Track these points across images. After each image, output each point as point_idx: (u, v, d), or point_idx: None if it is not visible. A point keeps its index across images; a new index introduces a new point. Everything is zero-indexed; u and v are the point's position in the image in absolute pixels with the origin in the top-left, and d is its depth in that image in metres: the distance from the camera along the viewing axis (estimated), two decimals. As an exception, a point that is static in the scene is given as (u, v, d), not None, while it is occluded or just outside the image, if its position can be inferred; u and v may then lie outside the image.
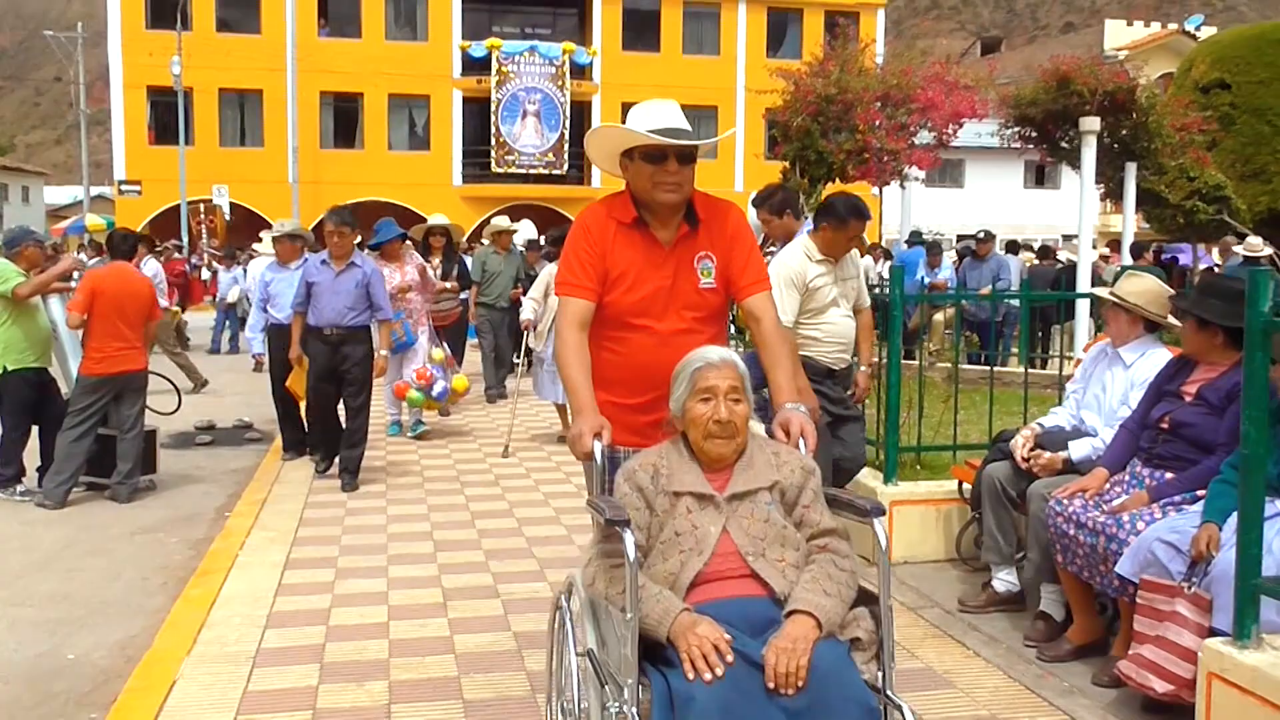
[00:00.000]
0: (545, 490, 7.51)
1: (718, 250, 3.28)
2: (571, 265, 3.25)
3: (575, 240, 3.28)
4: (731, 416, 2.77)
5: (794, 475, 2.82)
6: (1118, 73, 14.46)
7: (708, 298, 3.28)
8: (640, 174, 3.19)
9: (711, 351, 2.89)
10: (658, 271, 3.23)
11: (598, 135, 3.34)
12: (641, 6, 36.84)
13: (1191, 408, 4.15)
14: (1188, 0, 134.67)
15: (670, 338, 3.20)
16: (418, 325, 9.28)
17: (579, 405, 3.06)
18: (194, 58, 31.29)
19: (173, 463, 8.47)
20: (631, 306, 3.22)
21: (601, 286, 3.22)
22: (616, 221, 3.26)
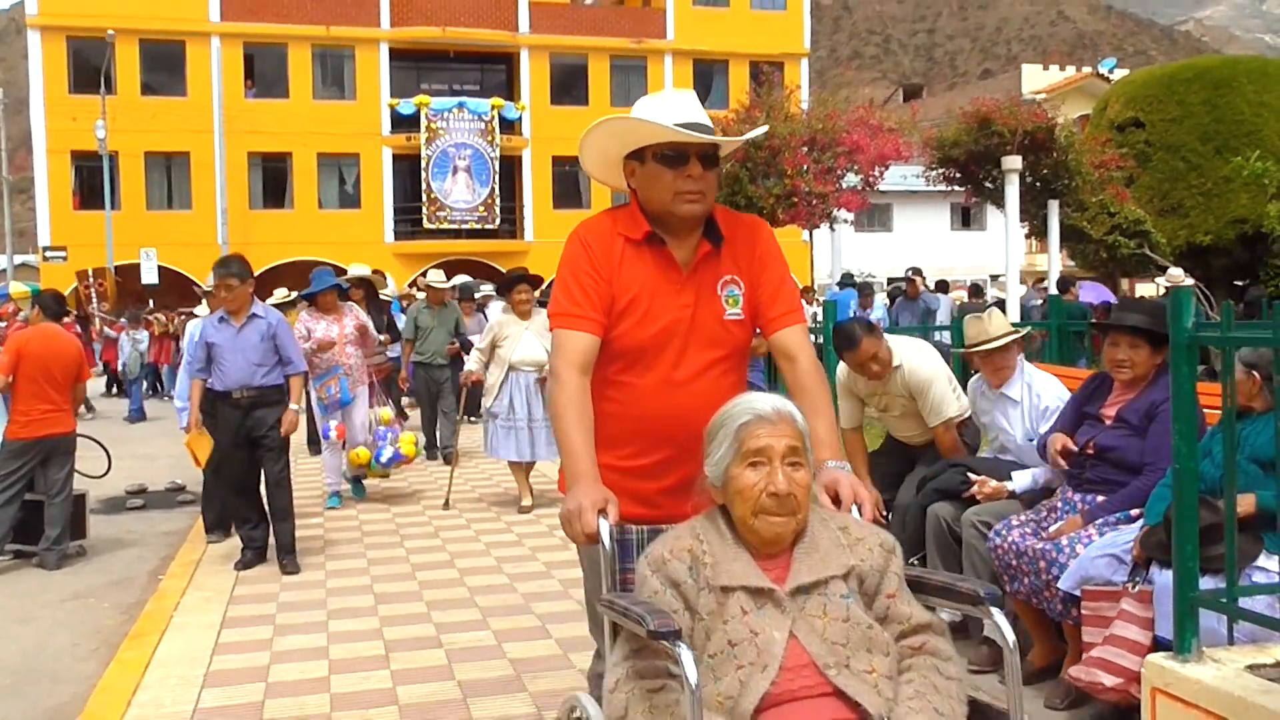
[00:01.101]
0: (486, 540, 7.43)
1: (745, 273, 2.73)
2: (570, 291, 2.65)
3: (574, 260, 2.69)
4: (791, 488, 2.14)
5: (872, 556, 2.21)
6: (1036, 113, 14.90)
7: (734, 331, 2.73)
8: (654, 180, 2.64)
9: (761, 401, 2.25)
10: (675, 299, 2.66)
11: (601, 132, 2.70)
12: (568, 61, 37.20)
13: (1113, 431, 4.22)
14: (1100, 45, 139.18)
15: (688, 382, 2.66)
16: (357, 383, 8.71)
17: (577, 471, 2.44)
18: (119, 121, 30.98)
19: (103, 527, 8.25)
20: (642, 343, 2.66)
21: (607, 317, 2.64)
22: (624, 238, 2.69)
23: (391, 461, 8.64)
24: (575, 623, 5.37)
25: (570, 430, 2.51)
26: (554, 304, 2.71)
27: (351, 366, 8.66)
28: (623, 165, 2.74)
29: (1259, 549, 3.61)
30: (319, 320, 8.58)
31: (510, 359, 8.30)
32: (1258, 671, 3.20)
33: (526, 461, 8.42)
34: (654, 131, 2.60)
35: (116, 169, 31.74)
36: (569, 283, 2.68)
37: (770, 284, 2.76)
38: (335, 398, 8.46)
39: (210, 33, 33.67)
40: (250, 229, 33.02)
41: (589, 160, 2.82)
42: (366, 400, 8.81)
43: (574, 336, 2.62)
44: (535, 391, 8.29)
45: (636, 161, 2.68)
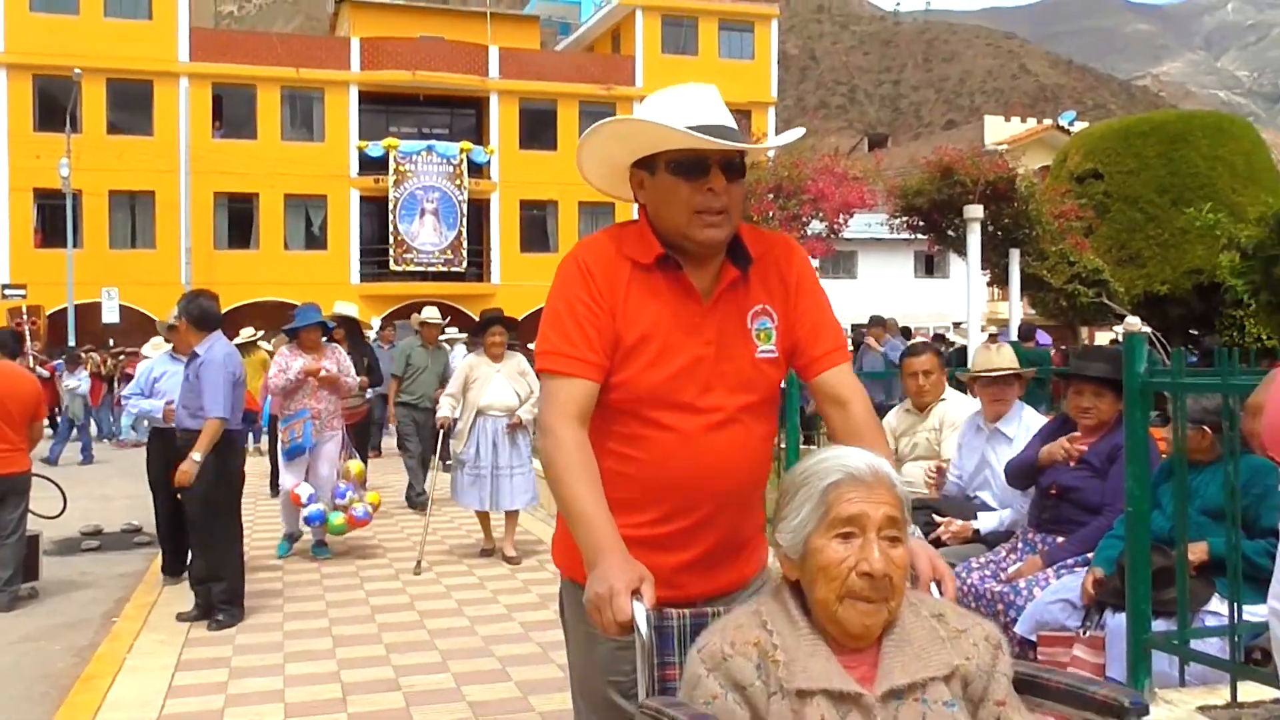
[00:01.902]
0: (448, 583, 7.38)
1: (778, 303, 2.29)
2: (563, 326, 2.18)
3: (568, 288, 2.22)
4: (888, 568, 1.73)
5: (978, 653, 1.80)
6: (998, 163, 15.13)
7: (766, 372, 2.27)
8: (668, 195, 2.18)
9: (854, 457, 1.82)
10: (694, 335, 2.20)
11: (602, 136, 2.25)
12: (537, 106, 37.43)
13: (1075, 472, 4.28)
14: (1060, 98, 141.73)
15: (711, 434, 2.19)
16: (325, 428, 8.18)
17: (596, 543, 1.96)
18: (83, 159, 30.80)
19: (57, 569, 8.13)
20: (655, 389, 2.18)
21: (609, 359, 2.18)
22: (631, 262, 2.22)
23: (320, 518, 8.04)
24: (536, 665, 5.35)
25: (577, 494, 2.03)
26: (543, 342, 2.21)
27: (321, 411, 8.18)
28: (629, 176, 2.29)
29: (1210, 592, 3.65)
30: (297, 357, 8.16)
31: (479, 403, 8.02)
32: (1208, 712, 3.24)
33: (505, 517, 8.16)
34: (665, 136, 2.14)
35: (80, 207, 31.53)
36: (562, 316, 2.18)
37: (809, 316, 2.30)
38: (297, 441, 8.03)
39: (179, 73, 33.66)
40: (215, 269, 32.85)
41: (589, 167, 2.36)
42: (336, 449, 8.26)
43: (568, 384, 2.14)
44: (503, 438, 8.04)
45: (646, 171, 2.22)
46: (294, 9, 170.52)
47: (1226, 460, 3.50)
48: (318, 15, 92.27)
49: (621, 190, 2.37)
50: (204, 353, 6.42)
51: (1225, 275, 12.35)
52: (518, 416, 8.04)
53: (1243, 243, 11.22)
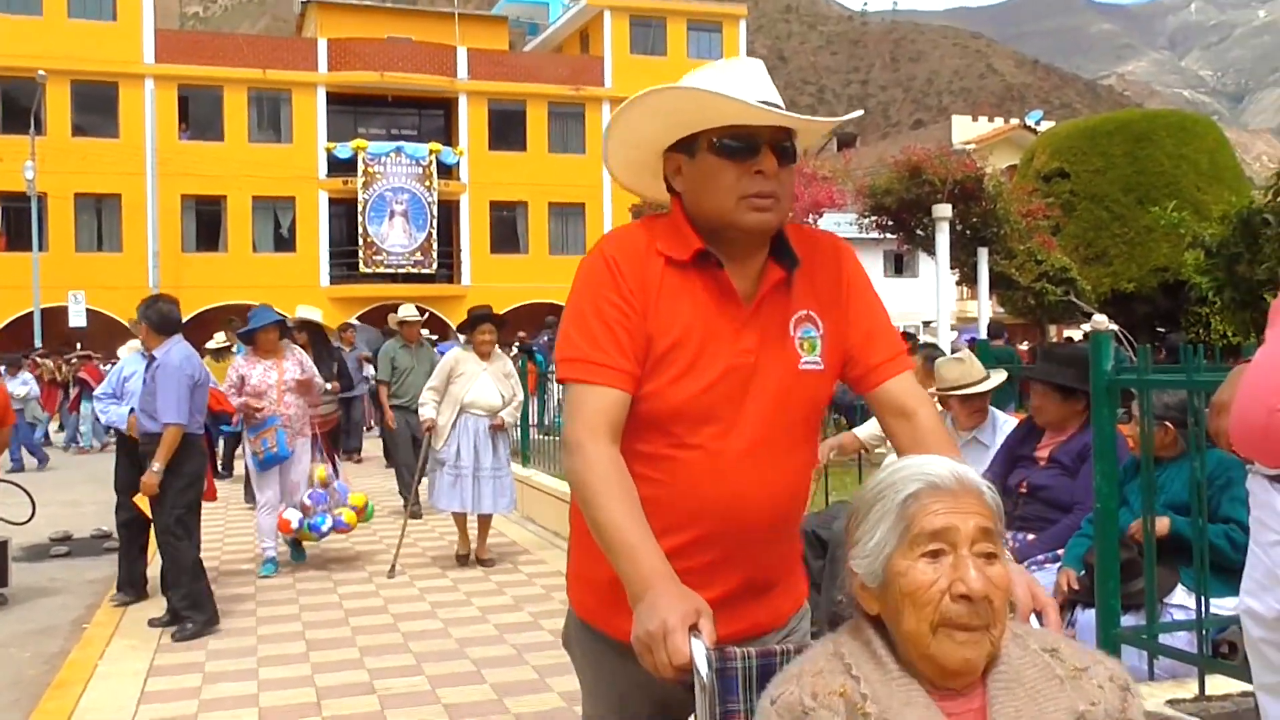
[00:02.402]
0: (422, 585, 7.36)
1: (825, 310, 2.05)
2: (589, 330, 1.93)
3: (595, 286, 1.96)
4: (987, 588, 1.47)
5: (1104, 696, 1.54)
6: (966, 162, 15.26)
7: (810, 386, 2.01)
8: (710, 178, 1.94)
9: (935, 465, 1.58)
10: (733, 343, 1.95)
11: (641, 110, 1.98)
12: (506, 106, 37.38)
13: (1046, 470, 4.33)
14: (1027, 98, 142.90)
15: (748, 454, 1.94)
16: (297, 436, 7.81)
17: (642, 571, 1.72)
18: (48, 162, 30.50)
19: (26, 575, 8.05)
20: (686, 403, 1.93)
21: (641, 367, 1.92)
22: (665, 258, 1.97)
23: (328, 532, 7.82)
24: (511, 667, 5.35)
25: (616, 519, 1.78)
26: (566, 347, 1.96)
27: (291, 417, 7.73)
28: (663, 162, 2.05)
29: (1174, 580, 3.71)
30: (255, 364, 7.71)
31: (463, 399, 7.78)
32: (1178, 706, 3.28)
33: (479, 520, 7.98)
34: (722, 108, 1.89)
35: (45, 210, 31.23)
36: (588, 318, 1.93)
37: (863, 322, 2.07)
38: (272, 451, 7.60)
39: (144, 74, 33.42)
40: (182, 272, 32.62)
41: (618, 151, 2.09)
42: (308, 455, 7.95)
43: (597, 394, 1.89)
44: (486, 438, 7.82)
45: (683, 154, 1.99)
46: (260, 10, 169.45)
47: (1192, 455, 3.56)
48: (284, 16, 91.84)
49: (648, 182, 2.13)
50: (161, 356, 6.33)
51: (1190, 273, 12.49)
52: (501, 418, 7.87)
53: (1207, 240, 11.34)
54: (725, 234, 1.95)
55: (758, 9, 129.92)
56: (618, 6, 39.05)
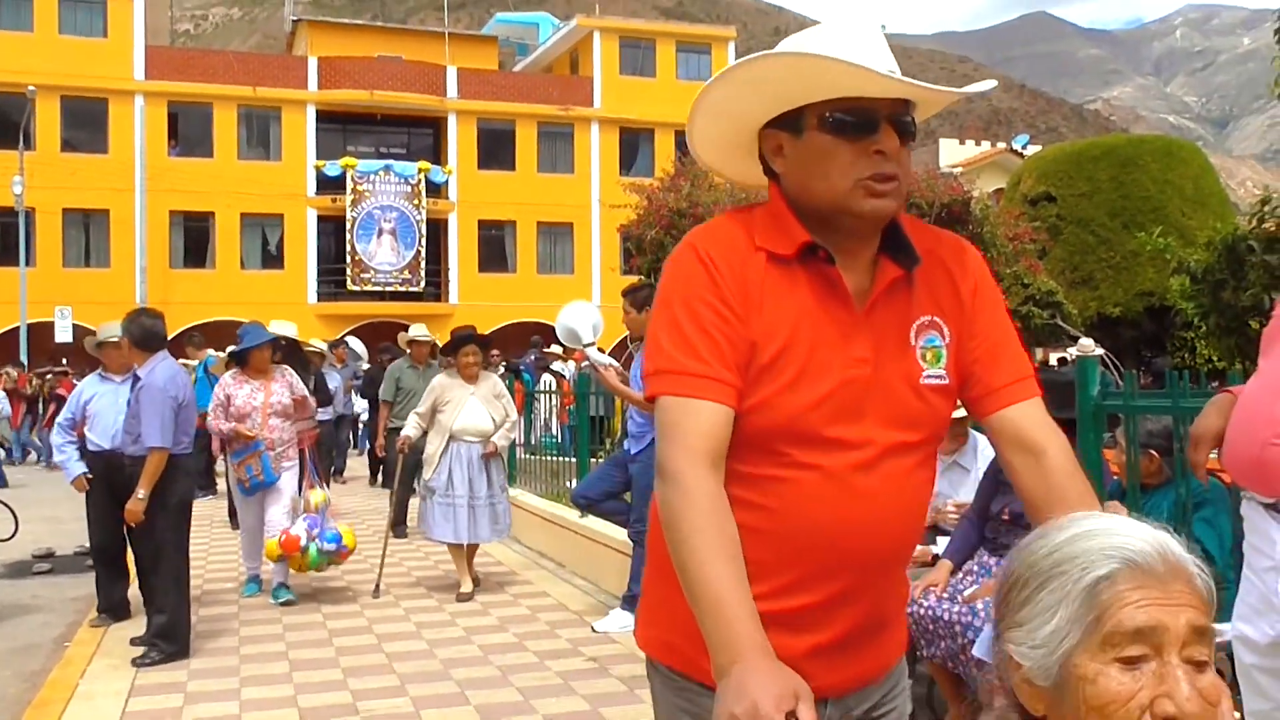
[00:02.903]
0: (406, 605, 7.33)
1: (949, 316, 1.78)
2: (684, 337, 1.67)
3: (690, 287, 1.71)
4: (1201, 710, 1.13)
5: None
6: (953, 186, 15.33)
7: (932, 402, 1.76)
8: (822, 159, 1.68)
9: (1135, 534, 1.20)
10: (845, 350, 1.70)
11: (738, 79, 1.70)
12: (496, 126, 37.44)
13: (1028, 496, 4.33)
14: (1013, 122, 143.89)
15: (860, 479, 1.69)
16: (283, 459, 7.45)
17: (734, 639, 1.47)
18: (37, 177, 30.43)
19: (7, 593, 8.00)
20: (795, 418, 1.68)
21: (743, 378, 1.68)
22: (767, 254, 1.72)
23: (336, 541, 7.35)
24: (495, 689, 5.33)
25: (712, 570, 1.52)
26: (658, 358, 1.70)
27: (275, 441, 7.39)
28: (760, 140, 1.78)
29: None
30: (242, 385, 7.38)
31: (451, 427, 7.51)
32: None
33: (467, 544, 7.65)
34: (836, 77, 1.62)
35: (32, 225, 31.13)
36: (682, 324, 1.68)
37: (989, 334, 1.79)
38: (257, 478, 7.28)
39: (134, 91, 33.39)
40: (170, 288, 32.53)
41: (707, 126, 1.81)
42: (295, 480, 7.55)
43: (697, 411, 1.63)
44: (479, 466, 7.54)
45: (786, 132, 1.72)
46: (251, 27, 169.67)
47: (1178, 481, 3.57)
48: (275, 34, 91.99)
49: (739, 163, 1.87)
50: (145, 376, 6.14)
51: (1176, 298, 12.60)
52: (493, 444, 7.60)
53: (1192, 266, 11.43)
54: (836, 223, 1.71)
55: (746, 31, 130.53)
56: (607, 28, 39.21)
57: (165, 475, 6.02)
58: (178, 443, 6.10)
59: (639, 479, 6.39)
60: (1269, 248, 9.96)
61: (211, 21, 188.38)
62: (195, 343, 13.39)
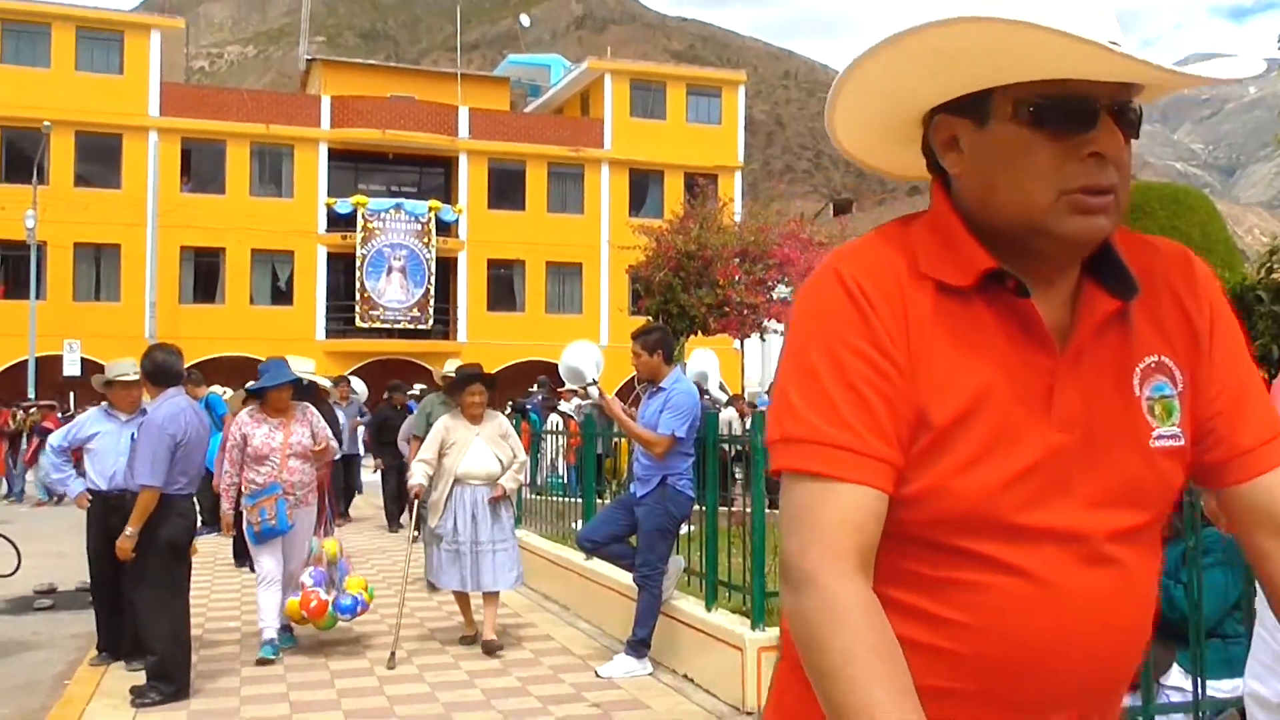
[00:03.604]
0: (409, 647, 7.27)
1: (1181, 352, 1.37)
2: (824, 395, 1.26)
3: (830, 326, 1.29)
4: None
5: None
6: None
7: (1164, 471, 1.34)
8: (1015, 160, 1.27)
9: None
10: (1045, 410, 1.29)
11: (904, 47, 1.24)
12: (506, 166, 37.68)
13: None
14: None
15: (1074, 580, 1.28)
16: (299, 505, 6.97)
17: None
18: (50, 211, 30.66)
19: (8, 628, 7.97)
20: (982, 503, 1.26)
21: (906, 452, 1.27)
22: (935, 284, 1.31)
23: (352, 610, 7.02)
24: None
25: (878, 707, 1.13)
26: (788, 420, 1.27)
27: (294, 485, 6.94)
28: (929, 129, 1.35)
29: (1170, 659, 3.67)
30: (260, 424, 6.96)
31: (456, 470, 7.15)
32: (1173, 790, 3.23)
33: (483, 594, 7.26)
34: (1042, 52, 1.19)
35: (44, 259, 31.31)
36: (822, 377, 1.26)
37: (1232, 377, 1.37)
38: (270, 524, 6.78)
39: (149, 127, 33.71)
40: (179, 323, 32.65)
41: (854, 106, 1.37)
42: (310, 529, 7.15)
43: (840, 494, 1.22)
44: (485, 509, 7.15)
45: (970, 121, 1.29)
46: (266, 66, 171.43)
47: (1188, 534, 3.54)
48: (289, 72, 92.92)
49: (891, 153, 1.48)
50: (150, 412, 6.12)
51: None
52: (500, 486, 7.22)
53: (1200, 314, 11.39)
54: (1027, 245, 1.29)
55: (757, 74, 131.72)
56: (619, 70, 39.55)
57: (157, 514, 5.94)
58: (174, 482, 6.01)
59: (644, 522, 6.36)
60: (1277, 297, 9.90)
61: (226, 59, 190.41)
62: (195, 380, 13.36)
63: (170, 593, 6.07)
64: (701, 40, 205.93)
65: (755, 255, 15.31)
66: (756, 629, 5.73)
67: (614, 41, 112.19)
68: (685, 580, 6.83)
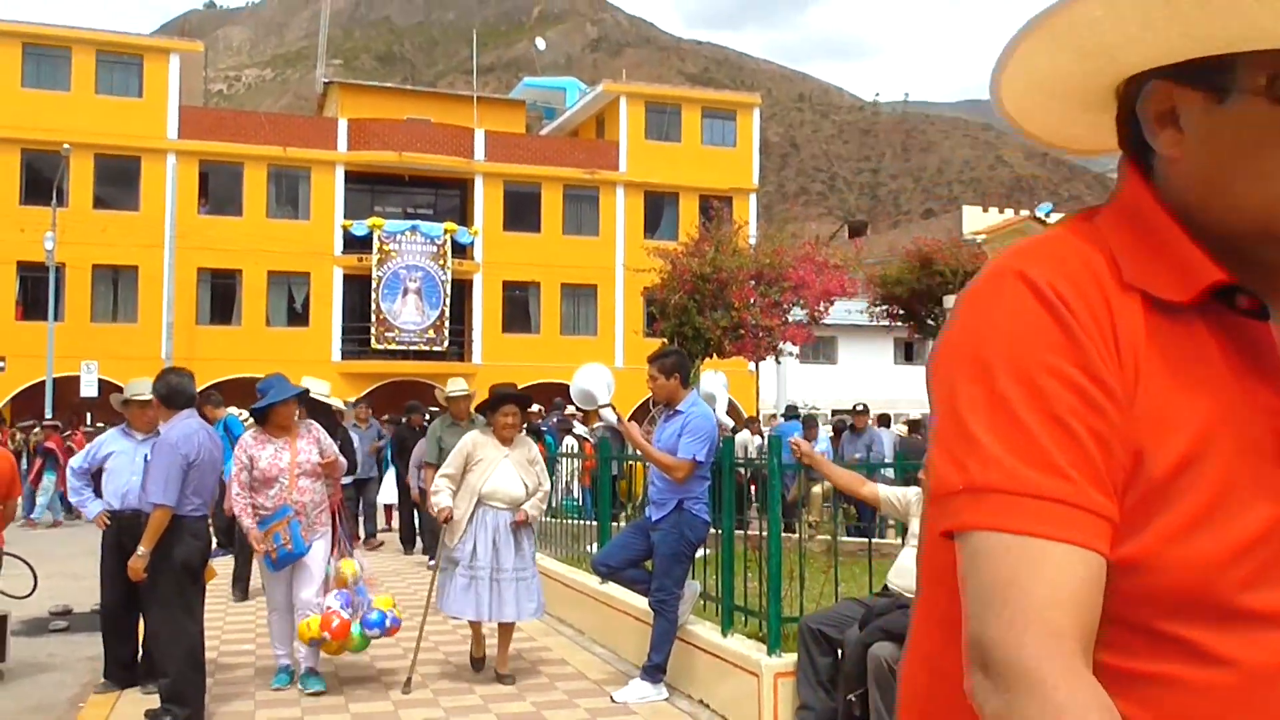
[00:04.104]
0: (423, 671, 7.24)
1: None
2: (1024, 431, 0.97)
3: (1029, 342, 1.00)
4: None
5: None
6: (976, 254, 15.34)
7: None
8: (1265, 149, 1.00)
9: None
10: (1273, 463, 1.02)
11: None
12: (522, 188, 37.80)
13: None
14: (1036, 189, 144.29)
15: None
16: (314, 526, 6.67)
17: None
18: (68, 233, 30.87)
19: (23, 650, 7.97)
20: (1205, 574, 0.98)
21: (1121, 501, 0.98)
22: (1143, 298, 1.04)
23: (381, 625, 6.68)
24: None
25: None
26: (973, 464, 0.99)
27: (306, 506, 6.63)
28: (1142, 96, 1.09)
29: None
30: (265, 445, 6.64)
31: (480, 489, 6.85)
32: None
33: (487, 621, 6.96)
34: None
35: (62, 280, 31.52)
36: (1018, 407, 0.99)
37: None
38: (285, 548, 6.47)
39: (167, 149, 33.94)
40: (196, 344, 32.80)
41: (1032, 61, 1.09)
42: (326, 550, 6.80)
43: (1052, 558, 0.95)
44: (507, 534, 6.83)
45: (1200, 91, 1.04)
46: (283, 88, 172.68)
47: None
48: (306, 95, 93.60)
49: (1068, 119, 1.19)
50: (163, 433, 6.15)
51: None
52: (524, 512, 6.91)
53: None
54: (1262, 255, 1.06)
55: (771, 97, 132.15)
56: (634, 93, 39.70)
57: (170, 535, 5.96)
58: (187, 503, 6.03)
59: (660, 547, 6.34)
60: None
61: (244, 82, 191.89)
62: (214, 401, 13.35)
63: (184, 614, 6.07)
64: (716, 63, 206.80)
65: (770, 278, 15.31)
66: (773, 655, 5.69)
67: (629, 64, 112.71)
68: (701, 605, 6.80)
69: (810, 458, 6.06)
